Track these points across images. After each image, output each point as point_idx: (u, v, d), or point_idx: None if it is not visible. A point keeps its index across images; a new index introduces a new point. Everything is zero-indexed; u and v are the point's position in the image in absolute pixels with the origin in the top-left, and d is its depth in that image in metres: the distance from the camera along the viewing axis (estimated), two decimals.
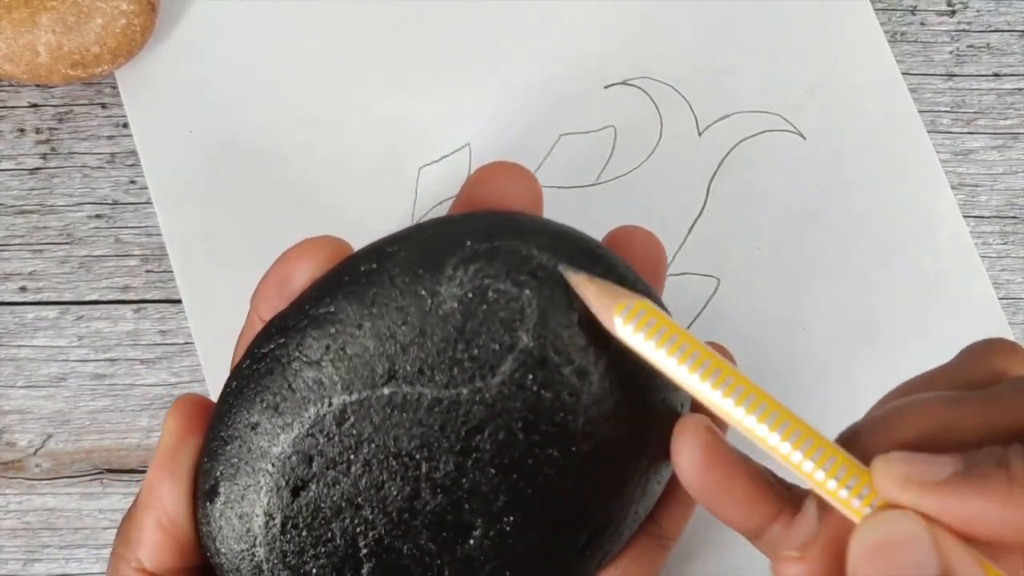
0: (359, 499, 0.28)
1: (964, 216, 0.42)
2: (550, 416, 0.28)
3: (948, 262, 0.42)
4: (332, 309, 0.28)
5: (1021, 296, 0.43)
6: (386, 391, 0.28)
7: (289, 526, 0.28)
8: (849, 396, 0.41)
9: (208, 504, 0.29)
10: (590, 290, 0.27)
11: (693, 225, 0.42)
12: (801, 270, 0.42)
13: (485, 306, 0.28)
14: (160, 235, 0.42)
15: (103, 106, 0.43)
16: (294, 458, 0.28)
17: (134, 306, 0.42)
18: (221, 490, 0.29)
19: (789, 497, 0.27)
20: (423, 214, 0.42)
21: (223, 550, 0.29)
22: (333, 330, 0.28)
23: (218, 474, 0.29)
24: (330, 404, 0.28)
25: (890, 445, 0.24)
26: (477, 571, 0.28)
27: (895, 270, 0.42)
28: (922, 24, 0.45)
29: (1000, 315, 0.42)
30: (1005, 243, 0.43)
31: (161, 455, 0.30)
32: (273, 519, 0.28)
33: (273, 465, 0.28)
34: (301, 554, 0.28)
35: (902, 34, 0.45)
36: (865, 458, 0.24)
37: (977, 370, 0.27)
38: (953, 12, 0.45)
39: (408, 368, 0.28)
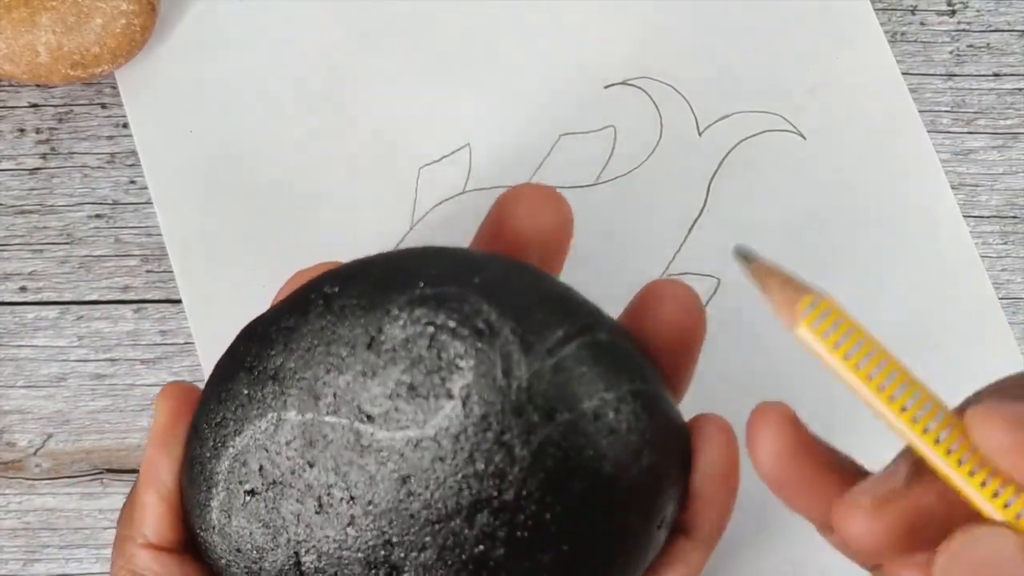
0: (301, 514, 0.28)
1: (964, 216, 0.42)
2: (480, 482, 0.26)
3: (948, 262, 0.42)
4: (292, 324, 0.28)
5: (1021, 296, 0.43)
6: (328, 419, 0.27)
7: (242, 525, 0.29)
8: (848, 396, 0.41)
9: (186, 482, 0.30)
10: (771, 281, 0.25)
11: (693, 225, 0.42)
12: (801, 270, 0.42)
13: (422, 354, 0.27)
14: (160, 235, 0.42)
15: (103, 106, 0.43)
16: (248, 462, 0.28)
17: (134, 306, 0.42)
18: (191, 474, 0.30)
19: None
20: (423, 214, 0.42)
21: (197, 524, 0.30)
22: (289, 346, 0.28)
23: (191, 456, 0.30)
24: (278, 419, 0.28)
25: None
26: None
27: (895, 270, 0.42)
28: (922, 24, 0.45)
29: (1000, 315, 0.42)
30: (1005, 243, 0.43)
31: (156, 434, 0.30)
32: (229, 517, 0.29)
33: (229, 461, 0.29)
34: (256, 550, 0.29)
35: (902, 34, 0.45)
36: None
37: None
38: (953, 12, 0.45)
39: (349, 400, 0.27)
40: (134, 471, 0.41)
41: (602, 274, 0.41)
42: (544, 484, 0.26)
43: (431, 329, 0.27)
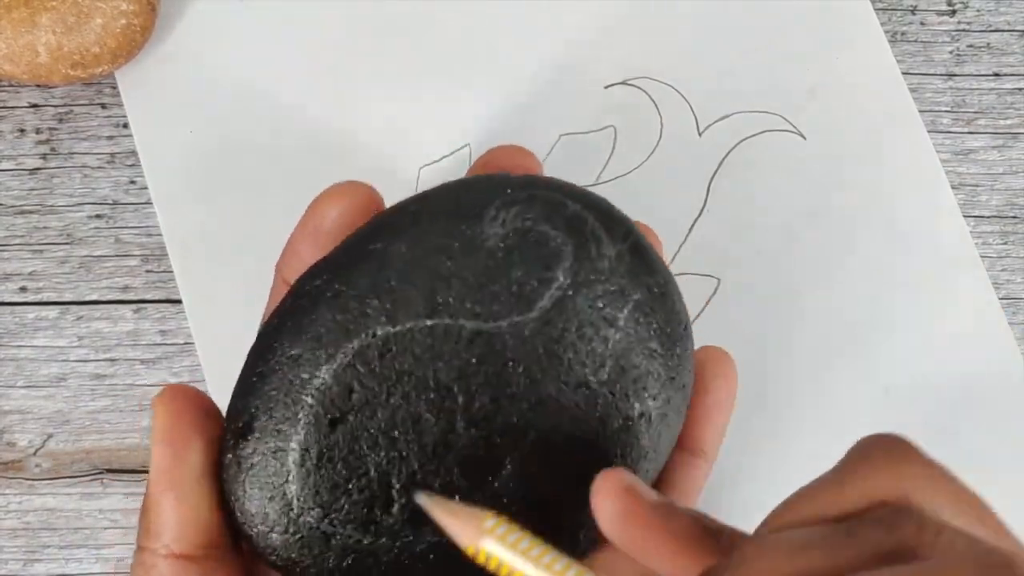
0: (395, 432, 0.28)
1: (964, 216, 0.42)
2: (582, 356, 0.29)
3: (948, 262, 0.42)
4: (379, 245, 0.29)
5: (1021, 296, 0.43)
6: (428, 323, 0.29)
7: (325, 459, 0.28)
8: (848, 396, 0.41)
9: (238, 446, 0.29)
10: (447, 515, 0.26)
11: (693, 225, 0.42)
12: (801, 270, 0.42)
13: (525, 246, 0.29)
14: (160, 235, 0.42)
15: (103, 106, 0.43)
16: (334, 389, 0.28)
17: (134, 306, 0.42)
18: (256, 426, 0.29)
19: (727, 542, 0.26)
20: None
21: (252, 493, 0.29)
22: (379, 264, 0.29)
23: (253, 410, 0.29)
24: (374, 335, 0.29)
25: None
26: (506, 508, 0.28)
27: (895, 270, 0.42)
28: (922, 24, 0.45)
29: (1000, 315, 0.42)
30: (1005, 243, 0.43)
31: (162, 437, 0.29)
32: (309, 452, 0.28)
33: (313, 396, 0.28)
34: (334, 489, 0.28)
35: (902, 34, 0.45)
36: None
37: (854, 492, 0.23)
38: (953, 12, 0.45)
39: (451, 301, 0.29)
40: (134, 471, 0.41)
41: None
42: (635, 349, 0.30)
43: (528, 223, 0.29)
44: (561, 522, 0.29)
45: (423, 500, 0.26)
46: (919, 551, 0.21)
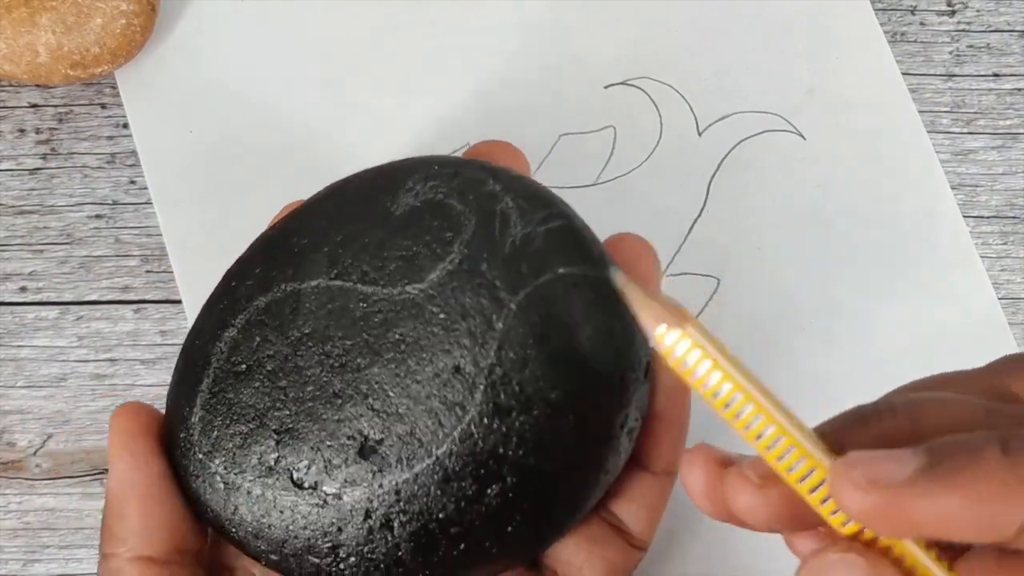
0: (282, 382, 0.29)
1: (964, 216, 0.42)
2: (462, 337, 0.28)
3: (948, 262, 0.42)
4: (311, 204, 0.30)
5: (1021, 296, 0.43)
6: (329, 283, 0.29)
7: (223, 408, 0.29)
8: (848, 396, 0.41)
9: (179, 429, 0.30)
10: (642, 306, 0.25)
11: (693, 225, 0.42)
12: (801, 270, 0.42)
13: (429, 217, 0.29)
14: (160, 235, 0.42)
15: (103, 106, 0.43)
16: (243, 341, 0.29)
17: (134, 306, 0.42)
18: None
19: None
20: None
21: (188, 466, 0.30)
22: (307, 224, 0.30)
23: (183, 387, 0.30)
24: (282, 290, 0.29)
25: (911, 437, 0.22)
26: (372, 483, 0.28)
27: (895, 270, 0.42)
28: (922, 24, 0.45)
29: (1000, 315, 0.42)
30: (1005, 243, 0.43)
31: (118, 449, 0.30)
32: (210, 403, 0.29)
33: (220, 352, 0.30)
34: (231, 438, 0.29)
35: (902, 34, 0.45)
36: (877, 442, 0.23)
37: (1006, 384, 0.25)
38: (953, 12, 0.45)
39: (351, 263, 0.29)
40: None
41: None
42: (526, 337, 0.28)
43: (440, 196, 0.29)
44: None
45: (618, 280, 0.26)
46: None
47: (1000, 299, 0.42)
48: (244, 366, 0.29)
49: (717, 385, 0.24)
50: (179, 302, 0.41)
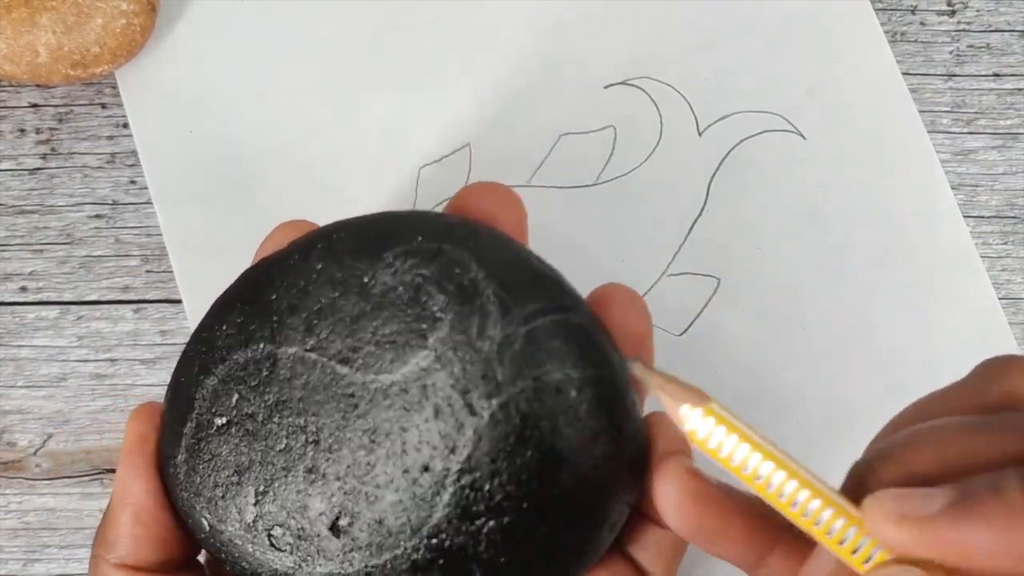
0: (266, 453, 0.28)
1: (964, 216, 0.42)
2: (432, 439, 0.27)
3: (948, 262, 0.42)
4: (292, 263, 0.29)
5: (1021, 296, 0.43)
6: (305, 353, 0.28)
7: (206, 457, 0.29)
8: (848, 396, 0.41)
9: (170, 456, 0.30)
10: (663, 390, 0.26)
11: (693, 225, 0.42)
12: (801, 270, 0.42)
13: (407, 303, 0.28)
14: (160, 235, 0.42)
15: (103, 106, 0.43)
16: (221, 394, 0.29)
17: (134, 306, 0.42)
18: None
19: (784, 525, 0.26)
20: None
21: (179, 495, 0.30)
22: (287, 284, 0.29)
23: (171, 421, 0.30)
24: (259, 350, 0.29)
25: (908, 479, 0.24)
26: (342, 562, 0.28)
27: (895, 270, 0.42)
28: (922, 24, 0.45)
29: (1000, 315, 0.42)
30: (1005, 243, 0.43)
31: (128, 453, 0.30)
32: (198, 442, 0.29)
33: (210, 391, 0.29)
34: (214, 488, 0.29)
35: (902, 34, 0.45)
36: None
37: (994, 390, 0.26)
38: (953, 12, 0.45)
39: (326, 337, 0.28)
40: None
41: (602, 274, 0.41)
42: (498, 446, 0.27)
43: (419, 280, 0.28)
44: None
45: (638, 370, 0.26)
46: None
47: (1000, 299, 0.42)
48: (224, 419, 0.29)
49: (746, 459, 0.25)
50: (179, 302, 0.41)
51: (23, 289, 0.42)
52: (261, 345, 0.29)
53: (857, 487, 0.25)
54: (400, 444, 0.27)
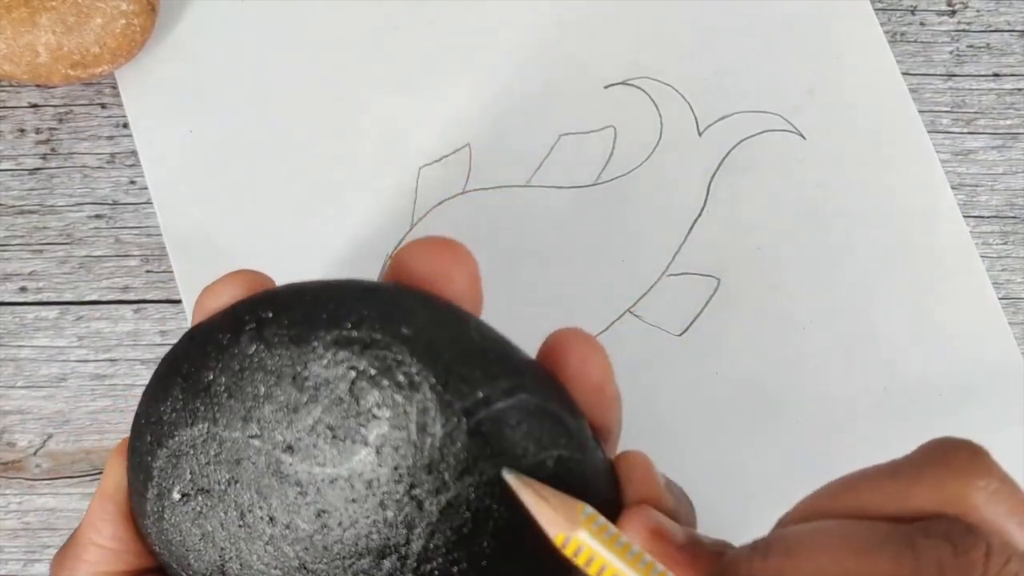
0: (225, 524, 0.28)
1: (964, 216, 0.42)
2: (390, 528, 0.27)
3: (948, 262, 0.42)
4: (225, 342, 0.28)
5: (1021, 296, 0.43)
6: (253, 442, 0.28)
7: (167, 524, 0.29)
8: (848, 396, 0.41)
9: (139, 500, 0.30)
10: (537, 500, 0.26)
11: (693, 225, 0.42)
12: (801, 270, 0.42)
13: (343, 397, 0.27)
14: (160, 235, 0.42)
15: (103, 106, 0.43)
16: (179, 465, 0.29)
17: (134, 306, 0.42)
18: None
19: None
20: (423, 214, 0.42)
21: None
22: (222, 364, 0.28)
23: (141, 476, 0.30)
24: (208, 431, 0.28)
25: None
26: None
27: (895, 270, 0.42)
28: (922, 24, 0.45)
29: (1000, 315, 0.42)
30: (1005, 243, 0.43)
31: (101, 497, 0.29)
32: (160, 509, 0.29)
33: (163, 462, 0.29)
34: (186, 549, 0.29)
35: (902, 34, 0.45)
36: None
37: (921, 491, 0.23)
38: (953, 12, 0.45)
39: (266, 426, 0.27)
40: None
41: (602, 274, 0.42)
42: (452, 540, 0.27)
43: (352, 374, 0.27)
44: None
45: (510, 479, 0.26)
46: None
47: (1000, 299, 0.42)
48: (179, 494, 0.29)
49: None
50: (179, 302, 0.41)
51: (23, 289, 0.42)
52: (205, 426, 0.28)
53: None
54: (354, 532, 0.27)
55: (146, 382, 0.41)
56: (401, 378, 0.26)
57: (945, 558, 0.21)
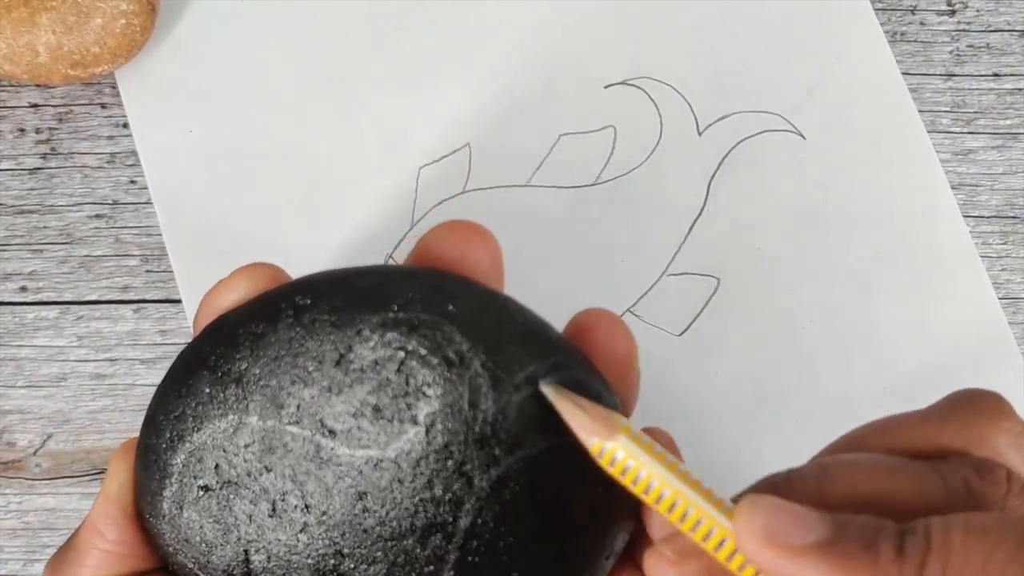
0: (253, 516, 0.28)
1: (964, 216, 0.42)
2: (437, 507, 0.27)
3: (948, 262, 0.42)
4: (260, 330, 0.28)
5: (1021, 296, 0.43)
6: (290, 428, 0.28)
7: (192, 517, 0.29)
8: (848, 396, 0.41)
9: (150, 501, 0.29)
10: (576, 419, 0.26)
11: (693, 225, 0.42)
12: (801, 270, 0.42)
13: (390, 378, 0.27)
14: (160, 235, 0.42)
15: (103, 106, 0.43)
16: (204, 459, 0.28)
17: (134, 306, 0.42)
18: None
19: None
20: (423, 214, 0.42)
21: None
22: (257, 353, 0.28)
23: (154, 474, 0.29)
24: (240, 422, 0.28)
25: (819, 502, 0.23)
26: None
27: (895, 270, 0.42)
28: (922, 24, 0.45)
29: (1000, 315, 0.42)
30: (1005, 243, 0.43)
31: (105, 500, 0.29)
32: (179, 507, 0.29)
33: (185, 457, 0.28)
34: (203, 553, 0.29)
35: (902, 34, 0.45)
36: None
37: (948, 431, 0.25)
38: (953, 12, 0.45)
39: (310, 412, 0.27)
40: None
41: (602, 274, 0.42)
42: (500, 515, 0.27)
43: (401, 354, 0.27)
44: None
45: (548, 391, 0.26)
46: (1007, 502, 0.23)
47: (1000, 299, 0.42)
48: (201, 489, 0.29)
49: (657, 488, 0.25)
50: (179, 302, 0.41)
51: (23, 289, 0.42)
52: (236, 417, 0.28)
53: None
54: (397, 519, 0.27)
55: (146, 382, 0.41)
56: (452, 355, 0.27)
57: (971, 477, 0.23)
